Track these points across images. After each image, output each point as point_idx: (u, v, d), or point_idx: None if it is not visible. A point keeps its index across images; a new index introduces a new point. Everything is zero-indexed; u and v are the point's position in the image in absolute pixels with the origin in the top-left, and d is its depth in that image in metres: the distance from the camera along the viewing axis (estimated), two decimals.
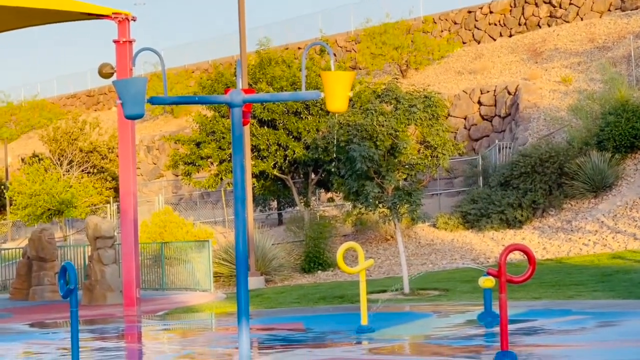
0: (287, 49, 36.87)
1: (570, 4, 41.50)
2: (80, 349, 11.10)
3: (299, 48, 36.41)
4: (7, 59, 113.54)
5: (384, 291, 21.08)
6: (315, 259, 27.71)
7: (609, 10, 40.55)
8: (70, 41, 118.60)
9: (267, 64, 31.02)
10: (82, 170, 41.22)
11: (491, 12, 44.67)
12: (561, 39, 40.77)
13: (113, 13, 21.99)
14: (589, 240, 25.70)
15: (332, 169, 23.41)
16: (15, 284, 26.42)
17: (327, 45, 10.11)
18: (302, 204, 32.18)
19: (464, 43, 45.02)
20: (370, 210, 23.00)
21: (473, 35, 45.04)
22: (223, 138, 29.81)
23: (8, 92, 54.41)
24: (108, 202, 39.23)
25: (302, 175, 32.37)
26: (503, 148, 32.72)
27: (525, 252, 11.54)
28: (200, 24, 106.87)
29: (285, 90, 28.77)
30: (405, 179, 21.69)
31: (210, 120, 30.72)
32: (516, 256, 15.16)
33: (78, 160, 41.62)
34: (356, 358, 13.06)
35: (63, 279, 10.90)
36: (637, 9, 39.83)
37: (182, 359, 14.05)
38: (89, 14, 22.34)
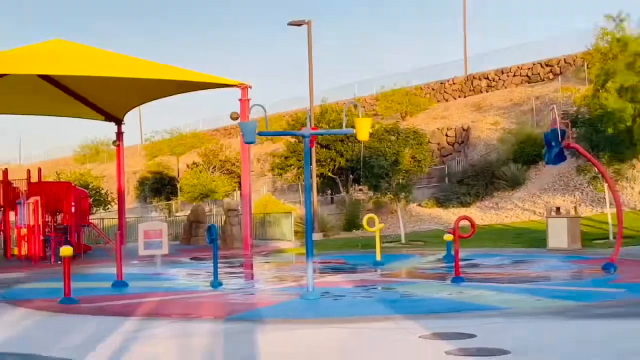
0: (337, 103, 48.77)
1: (499, 79, 53.95)
2: (218, 272, 15.96)
3: (344, 103, 47.79)
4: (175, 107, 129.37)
5: (389, 242, 27.66)
6: (351, 223, 35.78)
7: (521, 83, 52.83)
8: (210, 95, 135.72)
9: (325, 112, 42.13)
10: (220, 172, 53.52)
11: (454, 83, 58.55)
12: (494, 99, 51.65)
13: (239, 83, 26.87)
14: (508, 214, 33.50)
15: (362, 172, 30.43)
16: (182, 236, 34.87)
17: (358, 103, 14.69)
18: (344, 192, 41.74)
19: (438, 101, 58.15)
20: (383, 195, 30.88)
21: (443, 96, 58.17)
22: (300, 154, 39.33)
23: (178, 128, 69.51)
24: (235, 190, 50.37)
25: (344, 176, 42.22)
26: (460, 161, 42.94)
27: (470, 220, 16.47)
28: (283, 88, 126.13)
29: (335, 128, 38.03)
30: (402, 178, 28.40)
31: (293, 144, 40.72)
32: (465, 223, 16.64)
33: (218, 166, 54.36)
34: (374, 279, 17.04)
35: (209, 233, 15.96)
36: (537, 82, 51.79)
37: (275, 277, 18.37)
38: (226, 85, 27.14)
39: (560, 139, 16.62)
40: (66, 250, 13.72)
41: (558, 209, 24.62)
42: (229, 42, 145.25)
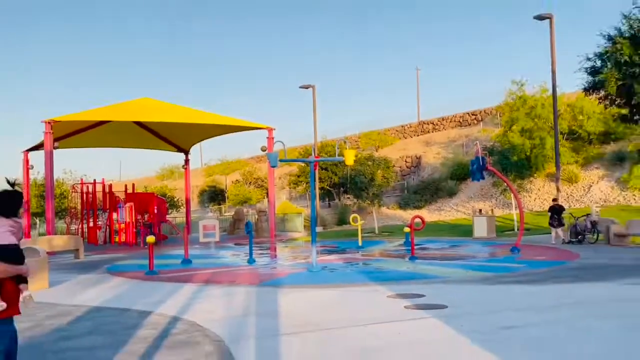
0: (332, 140, 48.44)
1: (441, 123, 53.36)
2: (253, 253, 16.33)
3: (336, 140, 47.98)
4: (225, 142, 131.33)
5: (367, 232, 27.19)
6: (342, 220, 34.44)
7: (456, 126, 52.01)
8: (249, 134, 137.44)
9: (325, 146, 40.88)
10: (254, 186, 52.77)
11: (410, 126, 57.61)
12: (437, 137, 50.98)
13: (267, 127, 25.94)
14: (447, 214, 32.73)
15: (349, 186, 31.55)
16: (229, 229, 33.69)
17: (346, 140, 15.54)
18: (337, 199, 41.23)
19: (400, 138, 57.30)
20: (363, 201, 30.68)
21: (403, 135, 56.97)
22: (307, 174, 38.25)
23: (226, 156, 67.25)
24: (264, 198, 49.52)
25: (337, 188, 41.88)
26: (414, 178, 41.90)
27: (421, 218, 16.42)
28: (297, 129, 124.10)
29: (332, 156, 38.22)
30: (376, 190, 28.70)
31: (303, 167, 39.64)
32: (418, 220, 16.08)
33: (253, 182, 53.52)
34: (357, 257, 16.72)
35: (247, 227, 16.16)
36: (466, 125, 51.12)
37: (291, 257, 17.95)
38: (258, 127, 26.25)
39: (481, 164, 16.58)
40: (150, 239, 13.77)
41: (480, 210, 24.52)
42: (259, 96, 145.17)
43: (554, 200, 20.31)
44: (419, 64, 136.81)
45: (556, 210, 19.47)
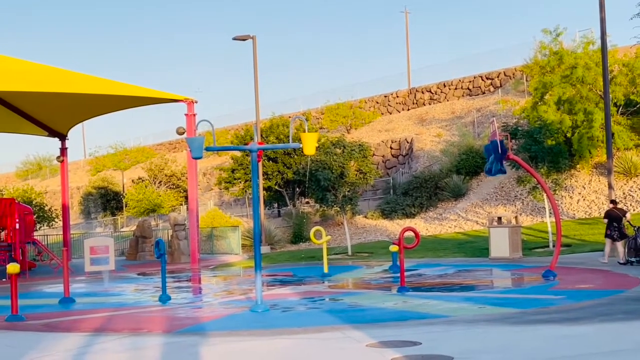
0: (283, 117, 48.94)
1: (441, 92, 54.95)
2: (166, 286, 16.17)
3: (290, 117, 48.39)
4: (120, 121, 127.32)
5: (336, 254, 27.86)
6: (298, 236, 35.76)
7: (463, 95, 53.90)
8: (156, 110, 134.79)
9: (275, 127, 41.95)
10: (166, 187, 52.98)
11: (397, 96, 59.40)
12: (436, 112, 52.52)
13: (185, 98, 27.13)
14: (451, 225, 33.63)
15: (308, 185, 30.63)
16: (128, 251, 34.55)
17: (304, 117, 15.63)
18: (291, 205, 41.73)
19: (382, 114, 58.96)
20: (329, 208, 30.94)
21: (387, 109, 58.88)
22: (247, 167, 39.57)
23: (122, 142, 68.44)
24: (181, 204, 50.13)
25: (291, 189, 42.25)
26: (404, 173, 43.15)
27: (414, 231, 16.75)
28: (231, 101, 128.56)
29: (284, 142, 38.18)
30: (348, 191, 28.50)
31: (240, 157, 40.49)
32: (410, 234, 16.74)
33: (164, 181, 53.68)
34: (321, 290, 17.25)
35: (157, 248, 15.80)
36: (478, 95, 52.91)
37: (223, 292, 18.34)
38: (172, 100, 27.33)
39: (500, 152, 17.00)
40: (13, 268, 13.70)
41: (499, 218, 25.03)
42: (174, 57, 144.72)
43: (613, 202, 20.86)
44: (408, 3, 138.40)
45: (614, 218, 19.99)
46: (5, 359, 9.96)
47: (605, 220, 20.16)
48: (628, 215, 20.48)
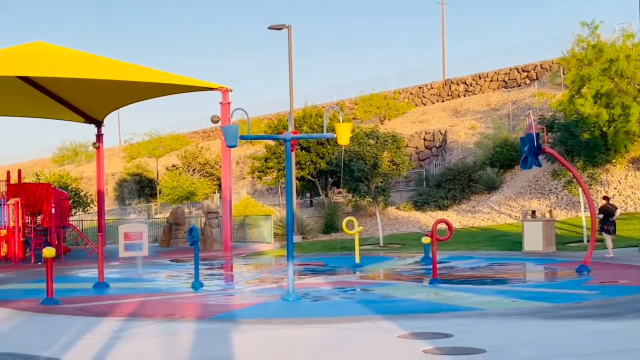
0: (316, 107, 49.14)
1: (476, 84, 54.67)
2: (199, 273, 16.31)
3: (323, 107, 48.73)
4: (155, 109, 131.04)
5: (368, 244, 27.97)
6: (330, 226, 35.98)
7: (498, 88, 53.63)
8: (191, 98, 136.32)
9: (308, 117, 42.18)
10: (200, 174, 53.45)
11: (432, 88, 59.52)
12: (471, 103, 52.24)
13: (219, 87, 27.36)
14: (484, 217, 33.57)
15: (341, 176, 30.76)
16: (162, 238, 34.82)
17: (339, 107, 14.90)
18: (324, 195, 41.85)
19: (416, 105, 59.02)
20: (362, 198, 31.06)
21: (422, 100, 58.94)
22: (280, 156, 39.79)
23: (157, 130, 69.16)
24: (214, 192, 50.72)
25: (324, 179, 42.43)
26: (437, 165, 43.11)
27: (447, 223, 16.66)
28: (265, 91, 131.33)
29: (317, 132, 38.92)
30: (381, 182, 28.58)
31: (273, 147, 40.82)
32: (442, 226, 16.68)
33: (198, 169, 54.27)
34: (353, 280, 17.31)
35: (190, 235, 16.21)
36: (514, 87, 52.70)
37: (255, 280, 18.51)
38: (206, 88, 27.61)
39: (536, 145, 16.88)
40: (49, 252, 13.86)
41: (533, 212, 24.89)
42: (211, 46, 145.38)
43: (606, 199, 22.03)
44: None
45: (610, 213, 21.32)
46: (42, 341, 10.08)
47: (601, 216, 21.04)
48: (618, 212, 21.80)
